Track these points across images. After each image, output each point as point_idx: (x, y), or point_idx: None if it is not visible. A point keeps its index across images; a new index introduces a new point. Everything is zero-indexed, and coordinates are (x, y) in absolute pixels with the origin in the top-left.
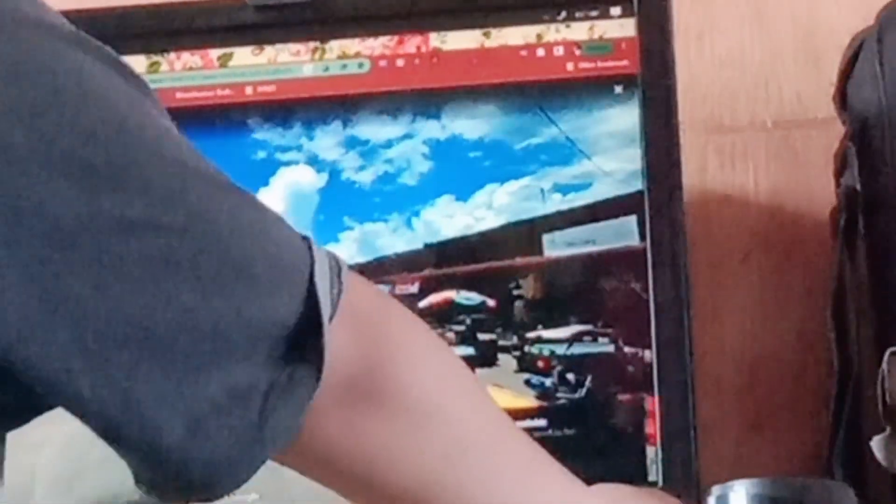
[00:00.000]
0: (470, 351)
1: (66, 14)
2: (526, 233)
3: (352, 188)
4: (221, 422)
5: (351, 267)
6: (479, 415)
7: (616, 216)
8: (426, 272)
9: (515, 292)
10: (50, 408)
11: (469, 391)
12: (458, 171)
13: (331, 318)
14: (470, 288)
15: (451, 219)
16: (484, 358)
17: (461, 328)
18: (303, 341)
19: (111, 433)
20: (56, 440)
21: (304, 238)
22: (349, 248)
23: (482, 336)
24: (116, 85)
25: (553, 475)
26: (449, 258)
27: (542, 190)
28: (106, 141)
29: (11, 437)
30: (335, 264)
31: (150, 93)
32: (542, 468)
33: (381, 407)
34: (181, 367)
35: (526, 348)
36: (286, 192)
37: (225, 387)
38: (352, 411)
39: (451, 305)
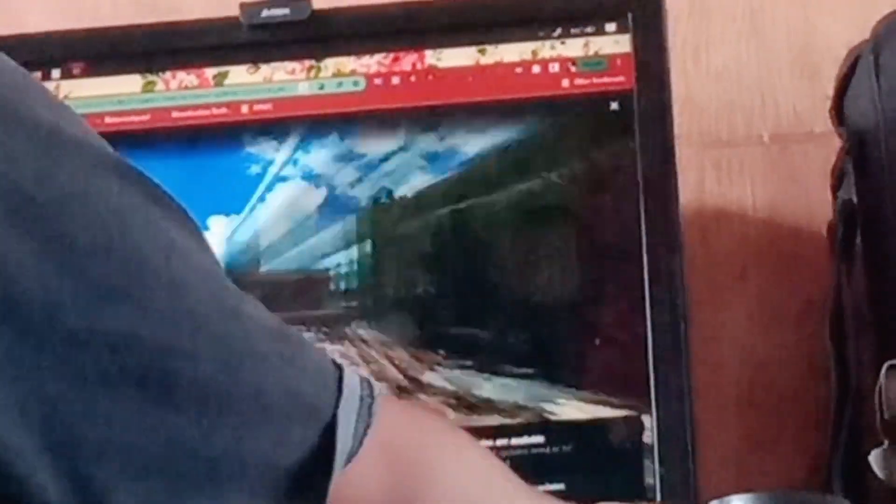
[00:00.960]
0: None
1: (63, 34)
2: (520, 247)
3: (349, 206)
4: None
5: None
6: None
7: (613, 231)
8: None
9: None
10: None
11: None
12: (455, 188)
13: (352, 456)
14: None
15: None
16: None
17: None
18: (315, 476)
19: None
20: None
21: (338, 367)
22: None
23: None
24: (133, 200)
25: None
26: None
27: (541, 206)
28: (113, 254)
29: None
30: (368, 395)
31: (173, 209)
32: None
33: None
34: (177, 494)
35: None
36: (283, 210)
37: None
38: None
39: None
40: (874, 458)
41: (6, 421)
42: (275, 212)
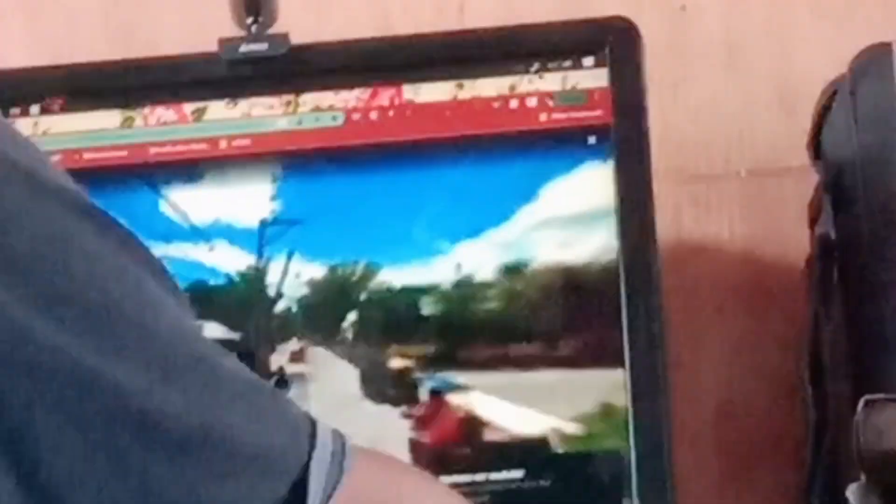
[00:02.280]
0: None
1: (42, 70)
2: (502, 280)
3: (327, 240)
4: None
5: None
6: None
7: (590, 265)
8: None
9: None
10: None
11: None
12: (433, 222)
13: None
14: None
15: (425, 271)
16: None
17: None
18: None
19: None
20: None
21: (312, 422)
22: None
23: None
24: (107, 247)
25: None
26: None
27: (517, 240)
28: (85, 297)
29: None
30: (340, 450)
31: (148, 260)
32: None
33: None
34: None
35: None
36: (261, 243)
37: None
38: None
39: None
40: (851, 492)
41: None
42: (252, 245)
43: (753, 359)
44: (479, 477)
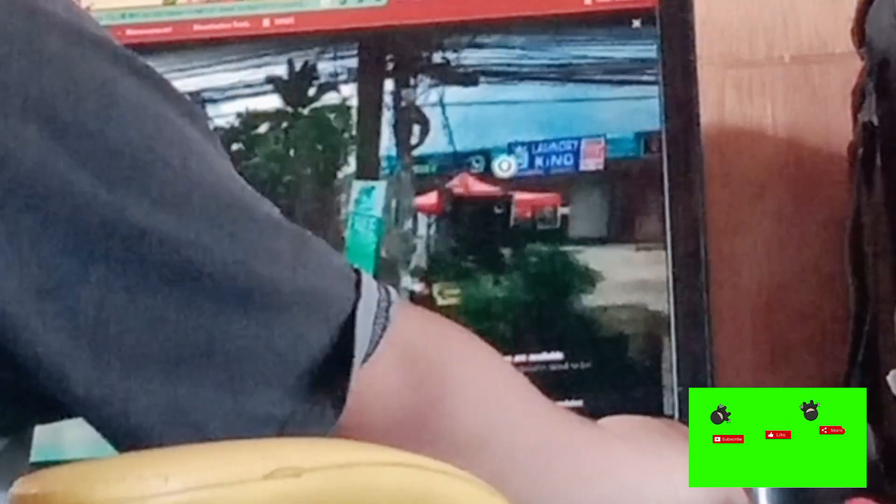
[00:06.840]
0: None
1: None
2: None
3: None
4: None
5: None
6: (532, 429)
7: (634, 151)
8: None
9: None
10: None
11: (522, 406)
12: (476, 105)
13: (369, 356)
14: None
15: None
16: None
17: None
18: (333, 375)
19: (109, 438)
20: None
21: (356, 271)
22: None
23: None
24: (151, 99)
25: (617, 458)
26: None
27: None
28: (130, 149)
29: None
30: (385, 298)
31: (191, 112)
32: (602, 455)
33: (433, 445)
34: (192, 385)
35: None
36: (304, 123)
37: (240, 410)
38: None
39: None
40: (892, 378)
41: (28, 309)
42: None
43: (794, 244)
44: (519, 358)
